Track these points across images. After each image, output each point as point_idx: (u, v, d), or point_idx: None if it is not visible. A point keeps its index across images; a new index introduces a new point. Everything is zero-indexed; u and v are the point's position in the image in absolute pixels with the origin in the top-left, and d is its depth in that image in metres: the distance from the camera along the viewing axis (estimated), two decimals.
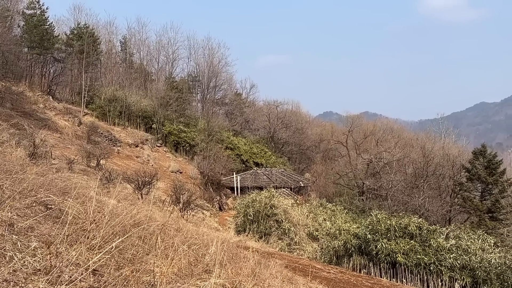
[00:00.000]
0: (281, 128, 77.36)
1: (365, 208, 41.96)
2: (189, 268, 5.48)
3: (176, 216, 13.01)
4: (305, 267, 13.10)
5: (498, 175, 42.97)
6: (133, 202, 12.27)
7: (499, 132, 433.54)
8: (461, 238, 20.29)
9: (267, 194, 27.62)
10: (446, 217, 44.81)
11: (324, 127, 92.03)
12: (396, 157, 55.41)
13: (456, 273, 18.33)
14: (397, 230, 19.91)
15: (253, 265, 7.54)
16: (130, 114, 54.89)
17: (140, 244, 5.38)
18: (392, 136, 73.55)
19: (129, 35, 74.78)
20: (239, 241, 13.96)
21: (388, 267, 19.18)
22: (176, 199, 23.87)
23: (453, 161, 50.36)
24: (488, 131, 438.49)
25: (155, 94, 58.43)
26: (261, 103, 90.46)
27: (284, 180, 51.96)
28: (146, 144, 50.76)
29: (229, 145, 58.91)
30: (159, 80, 72.34)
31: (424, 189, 47.00)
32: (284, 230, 25.74)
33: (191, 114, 65.97)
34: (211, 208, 39.22)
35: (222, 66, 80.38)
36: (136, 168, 32.58)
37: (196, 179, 45.33)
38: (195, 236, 9.05)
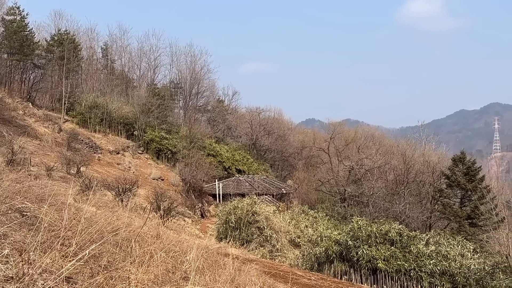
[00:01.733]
0: (264, 135, 77.43)
1: (346, 215, 42.10)
2: (167, 275, 5.43)
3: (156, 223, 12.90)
4: (286, 274, 13.08)
5: (477, 182, 43.47)
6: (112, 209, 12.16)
7: (478, 139, 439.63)
8: (441, 244, 20.47)
9: (249, 201, 27.55)
10: (426, 223, 45.17)
11: (306, 134, 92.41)
12: (377, 164, 55.75)
13: (436, 279, 18.46)
14: (378, 237, 20.01)
15: (232, 272, 7.51)
16: (111, 121, 54.50)
17: (116, 251, 5.33)
18: (374, 143, 74.06)
19: (111, 42, 74.47)
20: (219, 248, 13.88)
21: (369, 273, 19.24)
22: (157, 206, 23.69)
23: (433, 168, 50.84)
24: (468, 138, 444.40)
25: (137, 101, 58.14)
26: (243, 110, 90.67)
27: (266, 187, 51.96)
28: (127, 151, 50.41)
29: (211, 152, 58.77)
30: (140, 87, 72.02)
31: (404, 195, 47.34)
32: (266, 237, 25.68)
33: (173, 121, 65.78)
34: (192, 215, 39.03)
35: (204, 73, 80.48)
36: (117, 175, 32.30)
37: (178, 186, 45.11)
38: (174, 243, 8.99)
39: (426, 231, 31.26)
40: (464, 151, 48.42)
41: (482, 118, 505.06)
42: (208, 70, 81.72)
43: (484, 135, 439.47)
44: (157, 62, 78.00)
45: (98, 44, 74.18)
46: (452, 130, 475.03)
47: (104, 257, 4.87)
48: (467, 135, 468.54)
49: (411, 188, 50.45)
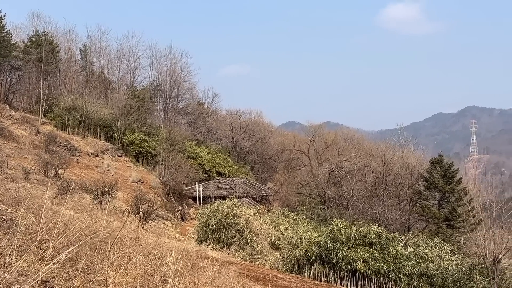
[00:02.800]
0: (244, 137, 77.43)
1: (326, 217, 42.28)
2: (146, 278, 5.40)
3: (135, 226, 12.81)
4: (266, 276, 13.10)
5: (455, 184, 44.01)
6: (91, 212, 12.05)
7: (456, 142, 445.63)
8: (419, 245, 20.70)
9: (229, 204, 27.52)
10: (405, 225, 45.61)
11: (287, 137, 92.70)
12: (356, 166, 56.13)
13: (414, 280, 18.65)
14: (357, 239, 20.15)
15: (212, 274, 7.50)
16: (90, 123, 53.98)
17: (94, 255, 5.28)
18: (353, 145, 74.64)
19: (89, 43, 73.79)
20: (199, 251, 13.85)
21: (349, 275, 19.36)
22: (137, 209, 23.52)
23: (411, 170, 51.37)
24: (446, 141, 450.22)
25: (116, 103, 57.68)
26: (223, 113, 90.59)
27: (247, 189, 51.95)
28: (106, 154, 49.96)
29: (192, 155, 58.57)
30: (120, 89, 71.50)
31: (383, 197, 47.73)
32: (246, 240, 25.68)
33: (153, 124, 65.40)
34: (172, 218, 38.82)
35: (184, 75, 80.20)
36: (96, 178, 32.00)
37: (158, 189, 44.85)
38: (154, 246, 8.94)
39: (404, 233, 31.55)
40: (442, 153, 48.98)
41: (460, 121, 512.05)
42: (188, 72, 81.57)
43: (462, 138, 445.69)
44: (137, 64, 77.60)
45: (77, 45, 73.54)
46: (431, 133, 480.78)
47: (82, 261, 4.83)
48: (445, 138, 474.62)
49: (390, 190, 50.89)
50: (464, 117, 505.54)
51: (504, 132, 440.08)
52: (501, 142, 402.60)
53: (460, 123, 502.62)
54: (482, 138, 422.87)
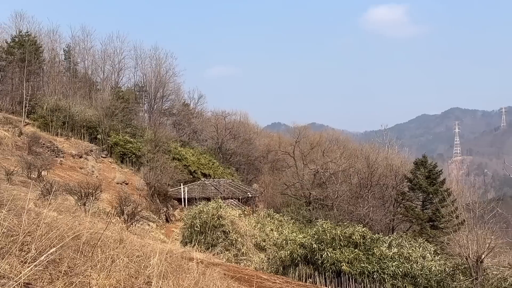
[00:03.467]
0: (229, 138, 77.39)
1: (311, 218, 42.41)
2: (129, 280, 5.37)
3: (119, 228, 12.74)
4: (250, 278, 13.09)
5: (439, 185, 44.39)
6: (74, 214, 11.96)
7: (440, 143, 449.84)
8: (403, 246, 20.84)
9: (215, 205, 27.50)
10: (389, 226, 45.92)
11: (272, 138, 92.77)
12: (341, 167, 56.38)
13: (398, 281, 18.77)
14: (342, 239, 20.23)
15: (196, 276, 7.48)
16: (74, 124, 53.54)
17: (77, 257, 5.24)
18: (338, 146, 74.94)
19: (73, 44, 73.11)
20: (184, 252, 13.80)
21: (333, 276, 19.43)
22: (121, 211, 23.39)
23: (396, 171, 51.74)
24: (430, 142, 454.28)
25: (100, 104, 57.28)
26: (209, 114, 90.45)
27: (232, 191, 51.89)
28: (90, 155, 49.59)
29: (177, 156, 58.37)
30: (104, 90, 70.98)
31: (368, 198, 48.00)
32: (231, 241, 25.67)
33: (137, 125, 65.08)
34: (157, 219, 38.64)
35: (169, 76, 79.89)
36: (80, 180, 31.74)
37: (143, 191, 44.61)
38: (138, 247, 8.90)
39: (389, 234, 31.77)
40: (425, 154, 49.40)
41: (443, 122, 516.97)
42: (173, 73, 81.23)
43: (445, 139, 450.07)
44: (121, 65, 77.05)
45: (61, 46, 72.80)
46: (415, 134, 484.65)
47: (64, 263, 4.79)
48: (428, 139, 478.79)
49: (375, 191, 51.20)
50: (448, 119, 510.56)
51: (487, 133, 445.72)
52: (484, 144, 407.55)
53: (444, 125, 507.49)
54: (465, 140, 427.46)
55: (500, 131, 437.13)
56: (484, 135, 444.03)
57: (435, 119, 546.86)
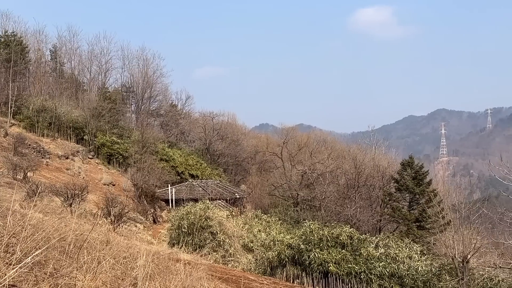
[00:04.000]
0: (217, 139, 77.29)
1: (299, 219, 42.47)
2: (116, 282, 5.35)
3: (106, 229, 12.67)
4: (238, 279, 13.09)
5: (425, 186, 44.65)
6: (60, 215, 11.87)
7: (426, 144, 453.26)
8: (390, 246, 20.96)
9: (202, 206, 27.48)
10: (376, 226, 46.13)
11: (260, 139, 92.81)
12: (329, 168, 56.54)
13: (385, 281, 18.88)
14: (329, 240, 20.30)
15: (184, 277, 7.46)
16: (60, 125, 53.12)
17: (63, 258, 5.20)
18: (326, 147, 75.15)
19: (60, 44, 72.63)
20: (171, 254, 13.76)
21: (321, 276, 19.48)
22: (108, 212, 23.26)
23: (383, 172, 51.99)
24: (416, 143, 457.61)
25: (87, 104, 56.92)
26: (196, 115, 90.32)
27: (220, 191, 51.84)
28: (77, 156, 49.23)
29: (164, 157, 58.16)
30: (91, 91, 70.62)
31: (355, 199, 48.16)
32: (219, 242, 25.64)
33: (124, 125, 64.74)
34: (144, 221, 38.47)
35: (157, 77, 79.67)
36: (66, 181, 31.52)
37: (130, 192, 44.39)
38: (125, 249, 8.85)
39: (376, 234, 31.89)
40: (412, 155, 49.65)
41: (430, 123, 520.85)
42: (161, 74, 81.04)
43: (432, 140, 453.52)
44: (108, 66, 76.66)
45: (47, 46, 72.32)
46: (401, 135, 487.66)
47: (50, 264, 4.75)
48: (415, 140, 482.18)
49: (362, 192, 51.39)
50: (434, 120, 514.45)
51: (473, 134, 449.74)
52: (469, 145, 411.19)
53: (430, 126, 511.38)
54: (451, 141, 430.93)
55: (485, 132, 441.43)
56: (470, 136, 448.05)
57: (421, 120, 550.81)
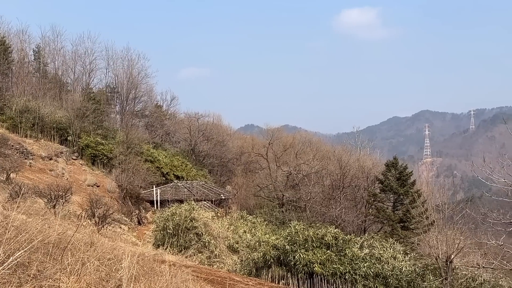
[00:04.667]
0: (202, 140, 77.14)
1: (284, 220, 42.54)
2: (100, 283, 5.32)
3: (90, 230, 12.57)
4: (223, 280, 13.07)
5: (409, 186, 44.93)
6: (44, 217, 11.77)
7: (410, 145, 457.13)
8: (374, 247, 21.09)
9: (187, 207, 27.42)
10: (361, 227, 46.36)
11: (245, 140, 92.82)
12: (314, 169, 56.70)
13: (370, 281, 19.00)
14: (315, 241, 20.37)
15: (169, 278, 7.44)
16: (44, 126, 52.59)
17: (46, 260, 5.16)
18: (311, 148, 75.40)
19: (43, 44, 71.86)
20: (156, 255, 13.71)
21: (306, 277, 19.54)
22: (92, 213, 23.09)
23: (367, 173, 52.26)
24: (401, 144, 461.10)
25: (71, 105, 56.41)
26: (182, 116, 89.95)
27: (205, 192, 51.75)
28: (60, 157, 48.80)
29: (149, 158, 57.89)
30: (75, 91, 69.91)
31: (340, 200, 48.35)
32: (204, 243, 25.61)
33: (109, 126, 64.32)
34: (129, 222, 38.29)
35: (142, 77, 79.18)
36: (50, 182, 31.22)
37: (114, 193, 44.13)
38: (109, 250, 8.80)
39: (361, 235, 32.06)
40: (396, 156, 49.90)
41: (414, 124, 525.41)
42: (145, 74, 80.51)
43: (416, 141, 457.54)
44: (93, 66, 75.96)
45: (30, 46, 71.49)
46: (386, 136, 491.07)
47: (34, 266, 4.71)
48: (399, 141, 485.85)
49: (347, 192, 51.61)
50: (418, 121, 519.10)
51: (456, 135, 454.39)
52: (453, 146, 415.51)
53: (414, 127, 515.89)
54: (435, 142, 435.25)
55: (469, 134, 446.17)
56: (454, 137, 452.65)
57: (406, 122, 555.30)
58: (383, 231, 43.40)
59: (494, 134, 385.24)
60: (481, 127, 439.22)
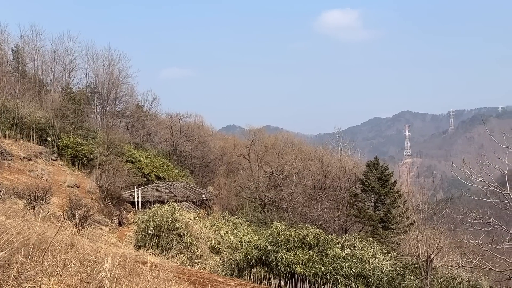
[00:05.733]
0: (184, 141, 76.88)
1: (266, 220, 42.59)
2: (81, 285, 5.27)
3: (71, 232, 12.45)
4: (205, 281, 13.04)
5: (390, 187, 45.33)
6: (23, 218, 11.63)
7: (391, 145, 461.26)
8: (355, 247, 21.24)
9: (169, 208, 27.26)
10: (342, 227, 46.65)
11: (227, 141, 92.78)
12: (296, 169, 56.90)
13: (351, 281, 19.12)
14: (296, 241, 20.44)
15: (150, 279, 7.40)
16: (23, 126, 51.89)
17: (27, 261, 5.10)
18: (293, 149, 75.64)
19: (22, 44, 70.93)
20: (137, 256, 13.62)
21: (288, 277, 19.59)
22: (72, 215, 22.83)
23: (349, 173, 52.62)
24: (381, 145, 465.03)
25: (51, 105, 55.76)
26: (163, 116, 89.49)
27: (187, 193, 51.55)
28: (40, 158, 48.20)
29: (130, 159, 57.49)
30: (55, 91, 69.10)
31: (322, 200, 48.61)
32: (186, 244, 25.48)
33: (89, 127, 63.74)
34: (110, 223, 37.97)
35: (122, 77, 78.53)
36: (29, 183, 30.80)
37: (95, 194, 43.73)
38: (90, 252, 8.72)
39: (342, 235, 32.26)
40: (377, 157, 50.32)
41: (394, 125, 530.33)
42: (126, 74, 79.86)
43: (396, 142, 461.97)
44: (73, 66, 75.07)
45: (9, 45, 70.51)
46: (367, 137, 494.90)
47: (14, 268, 4.65)
48: (380, 142, 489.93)
49: (329, 193, 51.90)
50: (399, 122, 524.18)
51: (436, 136, 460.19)
52: (433, 146, 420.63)
53: (395, 128, 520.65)
54: (415, 142, 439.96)
55: (448, 134, 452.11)
56: (433, 138, 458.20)
57: (386, 122, 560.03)
58: (364, 231, 43.72)
59: (473, 134, 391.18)
60: (460, 128, 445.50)
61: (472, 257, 18.16)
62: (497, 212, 16.85)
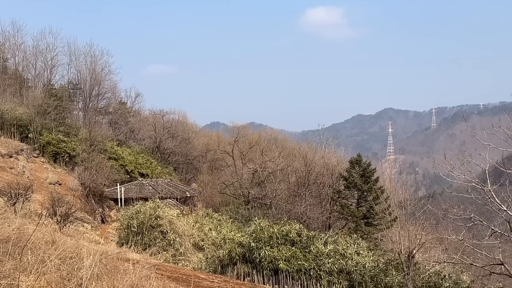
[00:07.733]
0: (168, 138, 76.52)
1: (250, 217, 42.54)
2: (62, 282, 5.21)
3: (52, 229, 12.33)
4: (188, 278, 13.01)
5: (372, 183, 45.60)
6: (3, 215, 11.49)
7: (374, 142, 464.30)
8: (338, 243, 21.36)
9: (152, 205, 27.16)
10: (326, 223, 46.82)
11: (211, 137, 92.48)
12: (280, 166, 56.96)
13: (334, 277, 19.23)
14: (279, 238, 20.49)
15: (132, 277, 7.35)
16: (4, 123, 51.20)
17: (5, 259, 5.03)
18: (276, 146, 75.73)
19: (3, 39, 69.94)
20: (119, 253, 13.53)
21: (271, 274, 19.64)
22: (54, 212, 22.63)
23: (332, 170, 52.80)
24: (365, 142, 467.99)
25: (32, 102, 55.07)
26: (146, 113, 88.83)
27: (170, 190, 51.35)
28: (21, 155, 47.62)
29: (113, 156, 57.08)
30: (36, 87, 68.28)
31: (306, 197, 48.74)
32: (169, 241, 25.43)
33: (71, 123, 63.08)
34: (92, 220, 37.69)
35: (105, 74, 77.73)
36: (10, 180, 30.46)
37: (77, 191, 43.34)
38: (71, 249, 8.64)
39: (325, 231, 32.40)
40: (360, 153, 50.57)
41: (377, 122, 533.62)
42: (109, 71, 79.05)
43: (379, 139, 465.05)
44: (54, 62, 74.15)
45: None
46: (350, 134, 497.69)
47: None
48: (364, 139, 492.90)
49: (312, 189, 52.03)
50: (382, 119, 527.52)
51: (418, 133, 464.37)
52: (415, 143, 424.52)
53: (378, 125, 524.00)
54: (398, 139, 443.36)
55: (430, 131, 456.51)
56: (416, 134, 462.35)
57: (370, 119, 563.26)
58: (347, 227, 43.95)
59: (455, 131, 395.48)
60: (442, 125, 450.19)
61: (454, 252, 18.36)
62: (478, 208, 17.03)
